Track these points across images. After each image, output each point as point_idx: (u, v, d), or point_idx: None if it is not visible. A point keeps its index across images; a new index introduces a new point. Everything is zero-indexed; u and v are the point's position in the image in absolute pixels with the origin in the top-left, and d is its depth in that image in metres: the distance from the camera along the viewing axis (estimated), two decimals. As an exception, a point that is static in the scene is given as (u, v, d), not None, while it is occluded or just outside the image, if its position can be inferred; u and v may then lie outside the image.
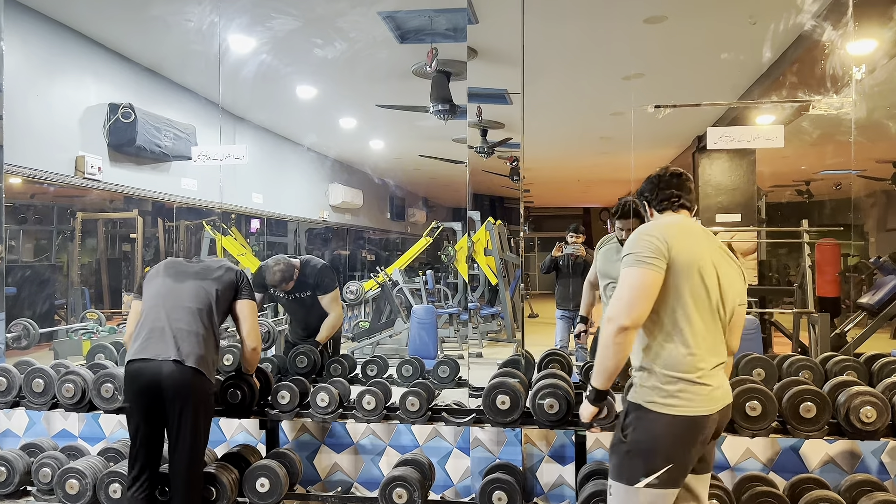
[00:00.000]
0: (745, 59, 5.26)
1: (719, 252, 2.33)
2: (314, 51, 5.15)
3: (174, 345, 2.91)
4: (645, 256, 2.21)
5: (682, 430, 2.19)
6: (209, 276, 3.12)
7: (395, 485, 3.11)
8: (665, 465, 2.18)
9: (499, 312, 10.12)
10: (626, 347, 2.22)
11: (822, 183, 12.52)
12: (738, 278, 2.36)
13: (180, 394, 2.89)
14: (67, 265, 8.99)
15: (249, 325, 3.15)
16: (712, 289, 2.25)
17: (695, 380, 2.20)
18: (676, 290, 2.22)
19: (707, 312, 2.25)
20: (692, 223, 2.41)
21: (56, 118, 4.96)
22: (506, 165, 9.71)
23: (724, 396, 2.30)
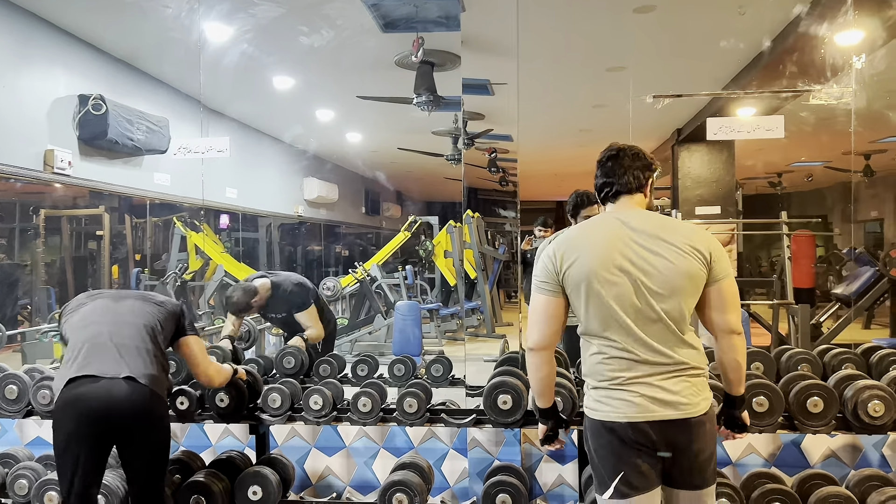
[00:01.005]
0: (733, 50, 5.24)
1: (637, 246, 2.12)
2: (298, 39, 4.98)
3: (122, 361, 2.56)
4: (539, 280, 2.23)
5: (611, 435, 2.12)
6: (150, 300, 2.86)
7: (396, 490, 3.00)
8: (615, 472, 2.12)
9: (474, 308, 10.05)
10: (539, 367, 2.24)
11: (794, 174, 12.71)
12: (673, 266, 2.10)
13: (138, 420, 2.56)
14: (32, 264, 8.68)
15: (199, 362, 2.90)
16: (618, 294, 2.10)
17: (613, 386, 2.13)
18: (578, 305, 2.17)
19: (617, 317, 2.10)
20: (612, 218, 2.20)
21: (23, 111, 4.73)
22: (484, 157, 9.63)
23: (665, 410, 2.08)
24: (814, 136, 7.03)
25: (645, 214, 2.23)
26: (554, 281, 2.19)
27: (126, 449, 2.63)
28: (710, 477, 2.17)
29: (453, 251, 9.78)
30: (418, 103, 5.40)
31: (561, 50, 5.60)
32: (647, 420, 2.09)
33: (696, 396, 2.12)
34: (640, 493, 2.12)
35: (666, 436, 2.09)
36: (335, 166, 11.15)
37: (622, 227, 2.16)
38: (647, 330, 2.11)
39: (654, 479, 2.15)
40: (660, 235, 2.14)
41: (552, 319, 2.20)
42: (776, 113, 5.80)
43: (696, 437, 2.11)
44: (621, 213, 2.22)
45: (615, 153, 2.28)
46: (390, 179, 13.63)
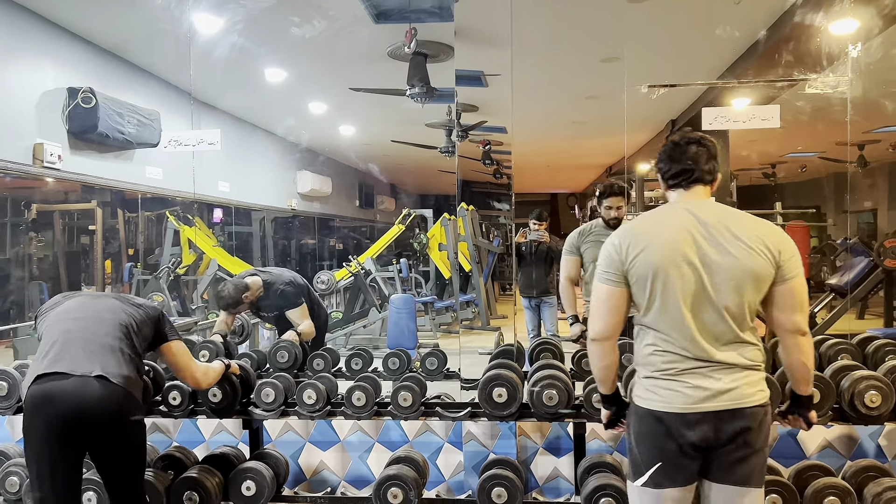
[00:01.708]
0: (728, 39, 5.21)
1: (704, 241, 2.07)
2: (290, 30, 4.92)
3: (95, 358, 2.45)
4: (602, 270, 2.19)
5: (658, 425, 2.10)
6: (129, 301, 2.77)
7: (390, 484, 2.98)
8: (652, 462, 2.11)
9: (469, 301, 10.03)
10: (602, 356, 2.22)
11: (788, 165, 12.71)
12: (739, 263, 2.05)
13: (111, 422, 2.44)
14: (24, 259, 8.62)
15: (182, 367, 2.82)
16: (683, 287, 2.06)
17: (665, 377, 2.10)
18: (641, 297, 2.13)
19: (677, 313, 2.07)
20: (682, 209, 2.14)
21: (11, 104, 4.66)
22: (478, 149, 9.60)
23: (718, 400, 2.05)
24: (809, 125, 7.02)
25: (716, 206, 2.17)
26: (618, 271, 2.14)
27: (100, 453, 2.53)
28: (756, 476, 2.11)
29: (448, 244, 9.76)
30: (411, 95, 5.36)
31: (555, 40, 5.55)
32: (697, 411, 2.06)
33: (750, 388, 2.09)
34: (673, 487, 2.10)
35: (714, 428, 2.05)
36: (328, 159, 11.09)
37: (692, 218, 2.11)
38: (706, 325, 2.07)
39: (691, 475, 2.12)
40: (730, 229, 2.09)
41: (615, 310, 2.16)
42: (772, 103, 5.77)
43: (749, 427, 2.07)
44: (691, 203, 2.16)
45: (698, 140, 2.21)
46: (384, 172, 13.59)
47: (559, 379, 2.92)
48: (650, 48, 5.58)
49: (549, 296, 6.27)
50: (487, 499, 2.95)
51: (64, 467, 2.45)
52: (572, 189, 19.82)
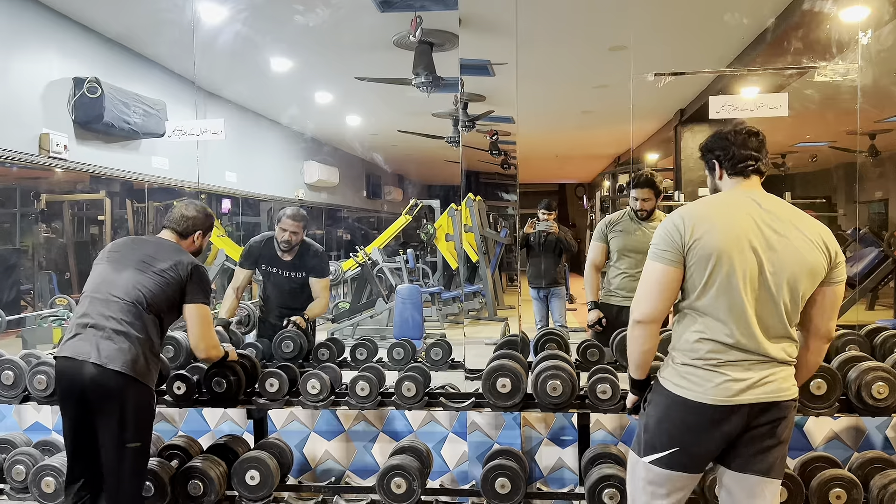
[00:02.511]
0: (737, 27, 5.14)
1: (768, 229, 2.07)
2: (294, 18, 4.89)
3: (96, 345, 2.60)
4: (659, 249, 2.13)
5: (687, 413, 2.09)
6: (152, 267, 2.76)
7: (394, 474, 2.98)
8: (670, 445, 2.11)
9: (476, 291, 10.02)
10: (645, 340, 2.17)
11: (798, 155, 12.60)
12: (799, 255, 2.05)
13: (106, 402, 2.59)
14: (33, 249, 8.66)
15: (196, 333, 2.82)
16: (745, 273, 2.03)
17: (706, 367, 2.08)
18: (698, 278, 2.08)
19: (737, 298, 2.04)
20: (745, 196, 2.14)
21: (17, 94, 4.67)
22: (485, 139, 9.56)
23: (754, 391, 2.05)
24: (818, 114, 6.93)
25: (776, 199, 2.16)
26: (677, 251, 2.09)
27: (99, 429, 2.64)
28: (777, 467, 2.12)
29: (455, 234, 9.75)
30: (417, 84, 5.33)
31: (562, 29, 5.51)
32: (729, 404, 2.05)
33: (785, 381, 2.10)
34: (681, 471, 2.13)
35: (743, 420, 2.06)
36: (335, 149, 11.09)
37: (756, 206, 2.10)
38: (760, 315, 2.06)
39: (705, 463, 2.16)
40: (793, 222, 2.09)
41: (668, 291, 2.12)
42: (781, 91, 5.71)
43: (779, 419, 2.09)
44: (753, 192, 2.15)
45: (757, 132, 2.20)
46: (391, 162, 13.57)
47: (564, 370, 2.90)
48: (658, 36, 5.53)
49: (558, 286, 6.25)
50: (491, 489, 2.95)
51: (75, 437, 2.70)
52: (580, 179, 19.75)
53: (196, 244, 3.02)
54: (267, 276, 4.15)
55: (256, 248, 4.13)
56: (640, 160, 11.80)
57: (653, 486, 2.16)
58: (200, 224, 3.03)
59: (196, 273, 2.82)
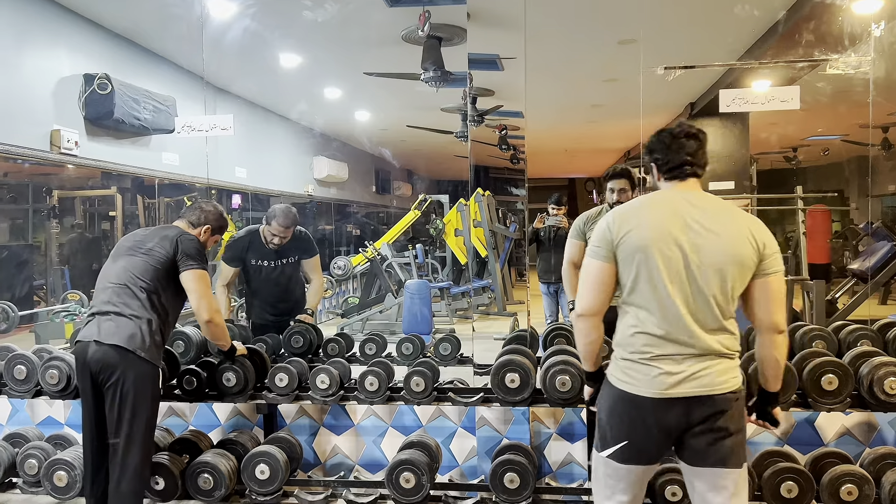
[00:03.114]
0: (748, 19, 5.09)
1: (696, 224, 2.10)
2: (302, 14, 4.89)
3: (98, 326, 2.78)
4: (594, 246, 2.23)
5: (626, 407, 2.15)
6: (140, 249, 2.90)
7: (403, 468, 2.98)
8: (620, 439, 2.16)
9: (485, 286, 10.01)
10: (588, 332, 2.25)
11: (810, 149, 12.50)
12: (726, 248, 2.09)
13: (107, 375, 2.74)
14: (45, 245, 8.72)
15: (195, 297, 2.89)
16: (670, 268, 2.08)
17: (642, 360, 2.13)
18: (627, 275, 2.16)
19: (664, 292, 2.09)
20: (677, 195, 2.18)
21: (28, 91, 4.70)
22: (494, 134, 9.54)
23: (688, 385, 2.07)
24: (831, 107, 6.88)
25: (710, 197, 2.21)
26: (608, 247, 2.18)
27: (105, 402, 2.76)
28: (733, 456, 2.12)
29: (464, 229, 9.74)
30: (426, 79, 5.32)
31: (571, 22, 5.48)
32: (666, 397, 2.09)
33: (720, 375, 2.10)
34: (635, 464, 2.17)
35: (683, 413, 2.09)
36: (344, 145, 11.09)
37: (686, 204, 2.16)
38: (690, 307, 2.09)
39: (658, 454, 2.18)
40: (722, 217, 2.14)
41: (603, 286, 2.19)
42: (792, 84, 5.66)
43: (719, 412, 2.09)
44: (686, 192, 2.20)
45: (695, 133, 2.23)
46: (400, 158, 13.57)
47: (572, 364, 2.90)
48: (668, 29, 5.49)
49: None
50: (500, 484, 2.95)
51: (86, 414, 2.84)
52: (590, 174, 19.66)
53: (202, 238, 3.07)
54: (255, 271, 4.06)
55: (241, 242, 4.07)
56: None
57: (612, 479, 2.21)
58: (212, 219, 3.11)
59: (182, 243, 2.91)
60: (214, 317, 2.92)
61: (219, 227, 3.16)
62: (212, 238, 3.15)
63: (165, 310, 2.89)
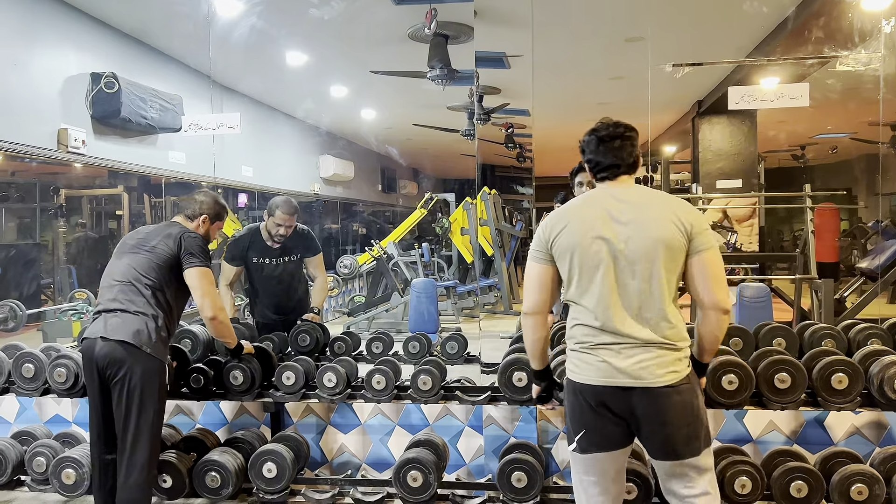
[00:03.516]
0: (756, 16, 5.06)
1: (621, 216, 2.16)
2: (308, 12, 4.88)
3: (104, 323, 2.80)
4: (533, 249, 2.32)
5: (580, 396, 2.21)
6: (144, 247, 2.91)
7: (410, 467, 2.98)
8: (579, 429, 2.23)
9: (491, 285, 9.99)
10: (534, 330, 2.33)
11: (818, 147, 12.43)
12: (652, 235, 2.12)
13: (114, 371, 2.74)
14: (53, 243, 8.75)
15: (199, 295, 2.88)
16: (599, 262, 2.16)
17: (583, 349, 2.22)
18: (564, 270, 2.24)
19: (595, 286, 2.17)
20: (604, 193, 2.24)
21: (36, 90, 4.71)
22: (501, 132, 9.52)
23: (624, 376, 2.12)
24: (840, 105, 6.83)
25: (635, 188, 2.27)
26: (545, 250, 2.27)
27: (112, 399, 2.78)
28: (686, 447, 2.14)
29: (470, 228, 9.72)
30: (432, 77, 5.31)
31: (577, 20, 5.46)
32: (607, 385, 2.15)
33: (660, 368, 2.13)
34: (600, 451, 2.21)
35: (626, 403, 2.15)
36: (350, 143, 11.09)
37: (611, 199, 2.22)
38: (623, 299, 2.15)
39: (618, 440, 2.22)
40: (646, 206, 2.20)
41: (543, 287, 2.29)
42: (801, 81, 5.62)
43: (660, 407, 2.12)
44: (614, 188, 2.26)
45: (621, 133, 2.25)
46: (406, 156, 13.55)
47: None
48: (675, 26, 5.46)
49: None
50: (507, 483, 2.94)
51: (93, 412, 2.87)
52: (597, 172, 19.57)
53: (201, 229, 3.06)
54: (257, 269, 4.03)
55: (242, 241, 4.04)
56: (656, 152, 11.69)
57: (582, 472, 2.27)
58: (207, 208, 3.09)
59: (185, 240, 2.90)
60: (219, 314, 2.92)
61: (216, 214, 3.13)
62: (213, 227, 3.12)
63: (170, 306, 2.90)
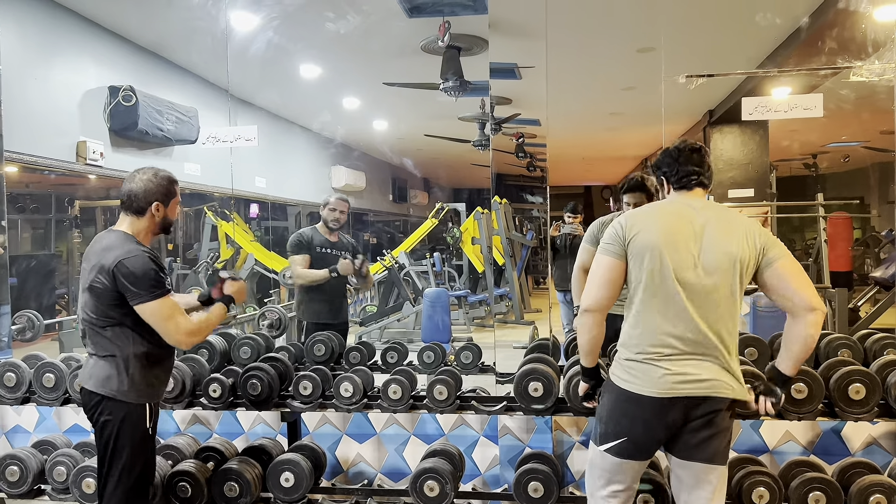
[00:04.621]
0: (769, 27, 5.08)
1: (700, 229, 2.25)
2: (325, 26, 4.95)
3: (84, 367, 2.60)
4: (605, 243, 2.35)
5: (632, 406, 2.25)
6: (86, 282, 2.48)
7: (426, 477, 2.99)
8: (620, 435, 2.28)
9: (502, 295, 10.00)
10: (591, 328, 2.34)
11: (830, 156, 12.38)
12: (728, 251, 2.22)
13: (90, 417, 2.55)
14: (67, 254, 8.84)
15: (160, 329, 2.47)
16: (678, 269, 2.21)
17: (642, 360, 2.25)
18: (637, 273, 2.27)
19: (671, 293, 2.22)
20: (683, 203, 2.34)
21: (55, 103, 4.79)
22: (511, 142, 9.55)
23: (690, 386, 2.19)
24: (852, 114, 6.82)
25: (710, 203, 2.39)
26: (620, 245, 2.30)
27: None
28: (720, 455, 2.26)
29: (481, 238, 9.75)
30: (445, 89, 5.36)
31: (590, 31, 5.50)
32: (674, 395, 2.19)
33: (722, 377, 2.22)
34: (632, 459, 2.30)
35: (686, 411, 2.20)
36: (362, 154, 11.15)
37: (692, 210, 2.30)
38: (697, 307, 2.20)
39: (650, 452, 2.33)
40: (718, 220, 2.27)
41: (611, 283, 2.31)
42: (814, 91, 5.63)
43: (715, 412, 2.21)
44: (692, 200, 2.34)
45: (699, 148, 2.39)
46: (417, 166, 13.61)
47: (543, 374, 2.91)
48: (688, 37, 5.49)
49: None
50: (524, 493, 2.95)
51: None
52: (607, 181, 19.61)
53: (157, 219, 2.59)
54: (322, 260, 4.36)
55: (305, 234, 4.39)
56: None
57: (607, 473, 2.33)
58: (153, 193, 2.55)
59: (119, 273, 2.40)
60: (186, 339, 2.51)
61: (166, 192, 2.59)
62: (169, 208, 2.62)
63: (139, 336, 2.51)
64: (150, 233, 2.61)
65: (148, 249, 2.51)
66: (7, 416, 3.92)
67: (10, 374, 3.32)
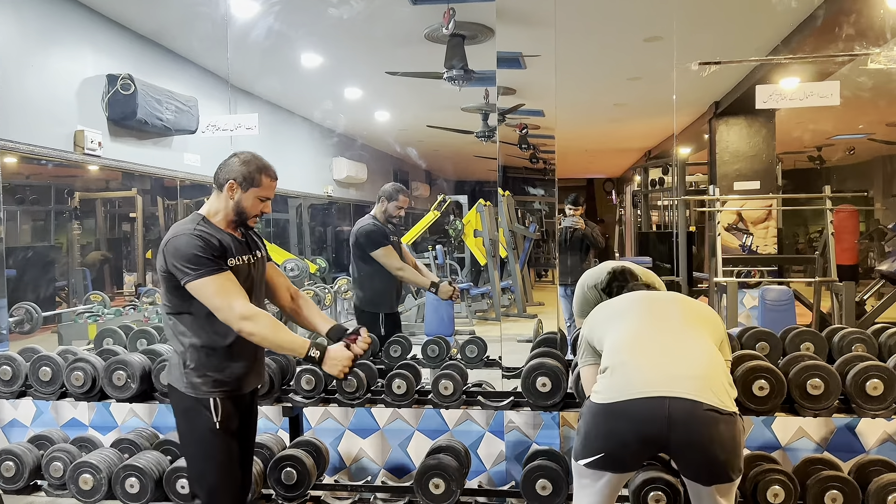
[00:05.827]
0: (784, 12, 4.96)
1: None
2: (327, 12, 4.85)
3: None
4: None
5: (606, 418, 2.21)
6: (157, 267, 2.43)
7: (432, 474, 2.92)
8: (597, 451, 2.21)
9: (505, 288, 9.92)
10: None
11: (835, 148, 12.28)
12: None
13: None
14: (67, 245, 8.76)
15: (214, 307, 2.33)
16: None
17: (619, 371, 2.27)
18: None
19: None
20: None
21: (53, 91, 4.69)
22: (514, 133, 9.45)
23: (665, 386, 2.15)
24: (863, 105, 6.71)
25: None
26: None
27: None
28: (727, 470, 2.16)
29: (483, 230, 9.67)
30: (449, 77, 5.26)
31: (596, 20, 5.39)
32: (648, 396, 2.16)
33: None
34: (613, 472, 2.23)
35: (669, 417, 2.13)
36: (364, 145, 11.05)
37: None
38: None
39: (632, 465, 2.30)
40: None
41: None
42: (823, 79, 5.52)
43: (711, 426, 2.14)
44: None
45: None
46: (419, 158, 13.51)
47: (551, 368, 2.84)
48: (697, 25, 5.38)
49: None
50: (532, 490, 2.88)
51: None
52: (609, 174, 19.51)
53: (233, 197, 2.46)
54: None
55: (381, 226, 4.25)
56: (669, 153, 11.59)
57: (587, 479, 2.28)
58: (234, 172, 2.46)
59: (167, 252, 2.35)
60: (243, 326, 2.32)
61: (246, 176, 2.46)
62: (246, 194, 2.47)
63: (202, 325, 2.41)
64: (226, 216, 2.49)
65: (205, 229, 2.39)
66: (3, 410, 3.86)
67: (6, 367, 3.25)
